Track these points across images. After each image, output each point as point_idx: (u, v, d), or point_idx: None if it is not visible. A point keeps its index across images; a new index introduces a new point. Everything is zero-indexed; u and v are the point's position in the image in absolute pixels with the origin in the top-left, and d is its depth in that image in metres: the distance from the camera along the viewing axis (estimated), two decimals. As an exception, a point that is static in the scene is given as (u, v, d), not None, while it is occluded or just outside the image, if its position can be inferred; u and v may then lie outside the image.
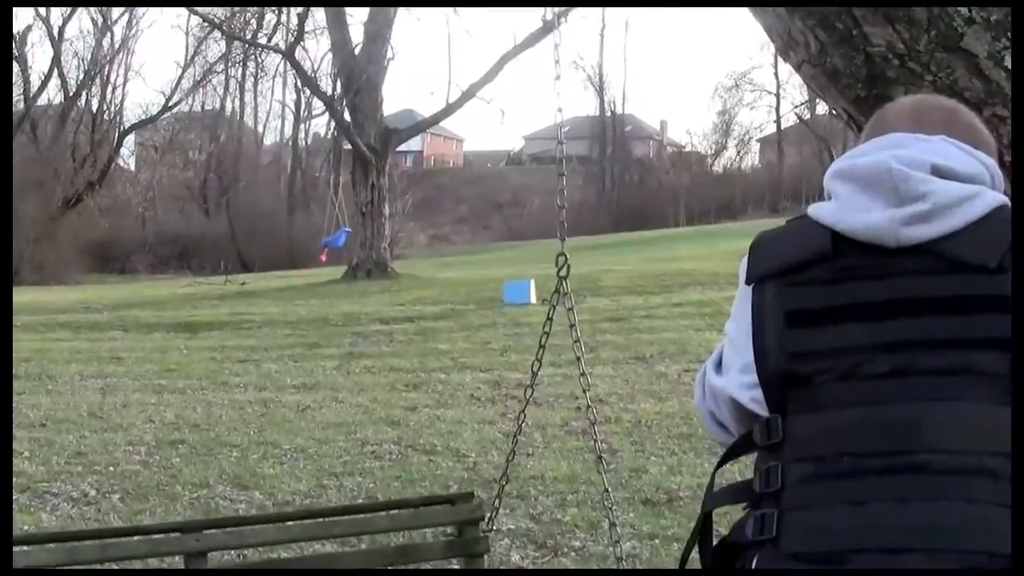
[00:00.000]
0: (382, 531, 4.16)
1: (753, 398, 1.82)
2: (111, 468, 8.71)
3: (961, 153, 1.85)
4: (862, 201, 1.78)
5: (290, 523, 3.62)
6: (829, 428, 1.70)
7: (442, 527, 4.05)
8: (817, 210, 1.85)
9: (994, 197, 1.79)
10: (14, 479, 8.29)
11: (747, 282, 1.86)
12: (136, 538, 3.34)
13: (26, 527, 7.19)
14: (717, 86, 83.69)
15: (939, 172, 1.80)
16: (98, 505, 7.77)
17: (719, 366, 1.96)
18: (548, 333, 4.78)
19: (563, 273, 5.00)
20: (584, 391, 4.89)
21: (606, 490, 4.96)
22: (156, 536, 3.34)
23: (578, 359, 4.83)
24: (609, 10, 57.79)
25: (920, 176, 1.78)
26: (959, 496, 1.61)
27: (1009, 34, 2.39)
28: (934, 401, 1.66)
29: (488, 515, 4.26)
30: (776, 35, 2.70)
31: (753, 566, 1.72)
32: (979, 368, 1.66)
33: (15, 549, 2.40)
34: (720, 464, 1.96)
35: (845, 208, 1.80)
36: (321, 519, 3.77)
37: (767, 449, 1.77)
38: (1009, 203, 1.81)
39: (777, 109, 62.90)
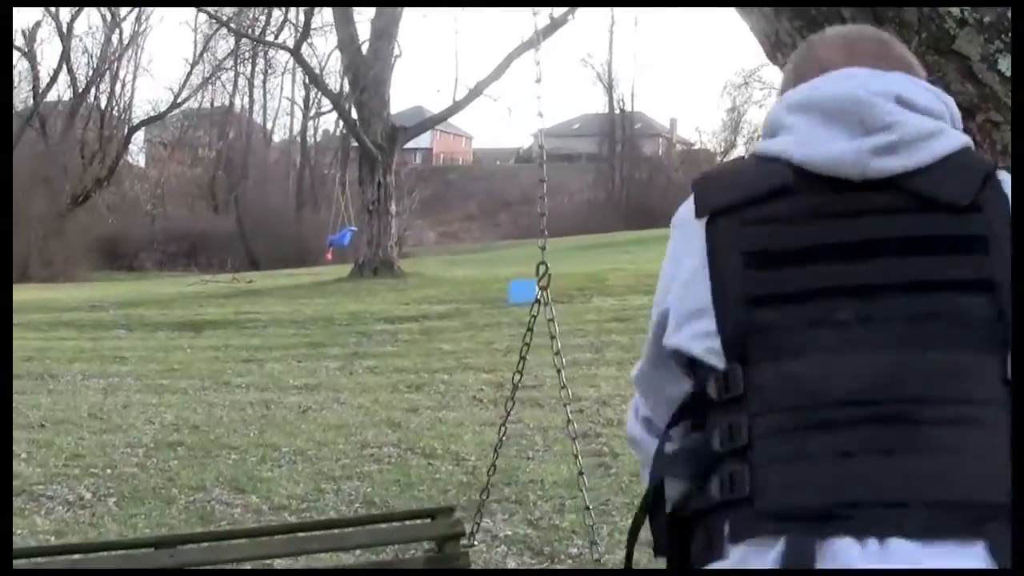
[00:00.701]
0: (361, 547, 4.07)
1: (709, 349, 1.60)
2: (108, 471, 8.64)
3: (920, 88, 1.72)
4: (822, 133, 1.63)
5: (267, 538, 3.54)
6: (801, 377, 1.52)
7: (422, 542, 3.95)
8: (769, 145, 1.69)
9: (958, 137, 1.67)
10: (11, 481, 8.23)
11: (698, 215, 1.67)
12: (107, 554, 3.25)
13: (20, 531, 7.12)
14: (726, 84, 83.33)
15: (903, 104, 1.66)
16: (93, 509, 7.69)
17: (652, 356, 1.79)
18: (528, 345, 4.71)
19: (543, 283, 4.90)
20: (565, 404, 4.81)
21: (587, 508, 4.88)
22: (128, 552, 3.26)
23: (559, 371, 4.75)
24: (619, 10, 57.53)
25: (887, 106, 1.63)
26: (949, 448, 1.46)
27: (1003, 36, 2.29)
28: (913, 347, 1.51)
29: (470, 529, 4.19)
30: (763, 36, 2.61)
31: (725, 531, 1.52)
32: (958, 312, 1.53)
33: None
34: (671, 424, 1.72)
35: (804, 141, 1.64)
36: (299, 534, 3.69)
37: (724, 405, 1.57)
38: (972, 144, 1.69)
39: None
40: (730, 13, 2.72)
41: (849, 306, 1.53)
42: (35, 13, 48.48)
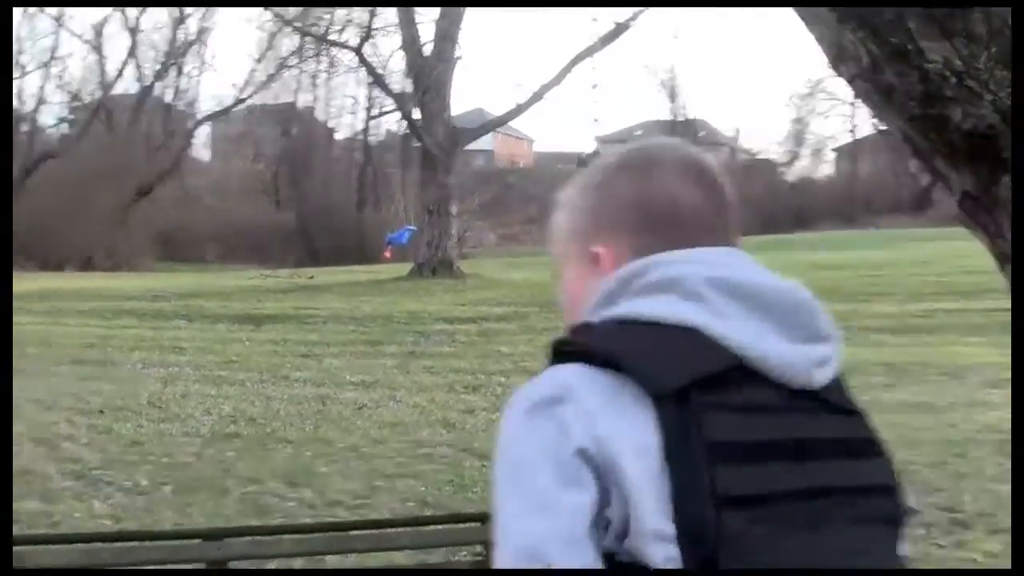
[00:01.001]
0: (406, 548, 4.07)
1: (668, 557, 1.35)
2: (165, 459, 8.76)
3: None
4: (759, 327, 1.48)
5: (313, 535, 3.55)
6: None
7: (474, 545, 3.91)
8: (685, 313, 1.47)
9: None
10: (71, 465, 8.39)
11: (654, 391, 1.38)
12: (157, 543, 3.29)
13: (77, 515, 7.25)
14: (792, 94, 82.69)
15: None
16: (149, 496, 7.80)
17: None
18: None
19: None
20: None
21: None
22: (177, 542, 3.30)
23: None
24: (683, 16, 57.30)
25: (823, 315, 1.55)
26: None
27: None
28: (861, 555, 1.46)
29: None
30: (827, 45, 2.60)
31: None
32: (883, 516, 1.51)
33: (33, 548, 2.36)
34: None
35: (747, 334, 1.47)
36: (346, 532, 3.70)
37: None
38: None
39: (852, 119, 62.16)
40: (797, 22, 2.72)
41: (808, 509, 1.43)
42: (104, 8, 49.19)
